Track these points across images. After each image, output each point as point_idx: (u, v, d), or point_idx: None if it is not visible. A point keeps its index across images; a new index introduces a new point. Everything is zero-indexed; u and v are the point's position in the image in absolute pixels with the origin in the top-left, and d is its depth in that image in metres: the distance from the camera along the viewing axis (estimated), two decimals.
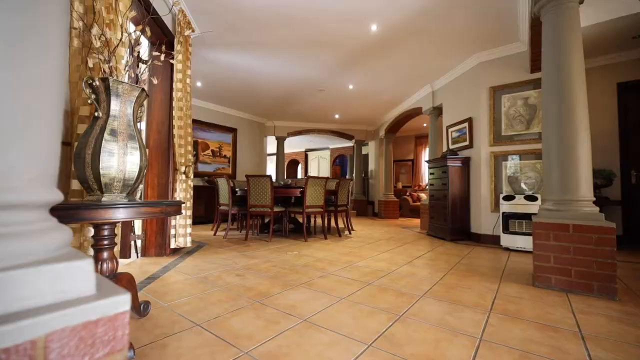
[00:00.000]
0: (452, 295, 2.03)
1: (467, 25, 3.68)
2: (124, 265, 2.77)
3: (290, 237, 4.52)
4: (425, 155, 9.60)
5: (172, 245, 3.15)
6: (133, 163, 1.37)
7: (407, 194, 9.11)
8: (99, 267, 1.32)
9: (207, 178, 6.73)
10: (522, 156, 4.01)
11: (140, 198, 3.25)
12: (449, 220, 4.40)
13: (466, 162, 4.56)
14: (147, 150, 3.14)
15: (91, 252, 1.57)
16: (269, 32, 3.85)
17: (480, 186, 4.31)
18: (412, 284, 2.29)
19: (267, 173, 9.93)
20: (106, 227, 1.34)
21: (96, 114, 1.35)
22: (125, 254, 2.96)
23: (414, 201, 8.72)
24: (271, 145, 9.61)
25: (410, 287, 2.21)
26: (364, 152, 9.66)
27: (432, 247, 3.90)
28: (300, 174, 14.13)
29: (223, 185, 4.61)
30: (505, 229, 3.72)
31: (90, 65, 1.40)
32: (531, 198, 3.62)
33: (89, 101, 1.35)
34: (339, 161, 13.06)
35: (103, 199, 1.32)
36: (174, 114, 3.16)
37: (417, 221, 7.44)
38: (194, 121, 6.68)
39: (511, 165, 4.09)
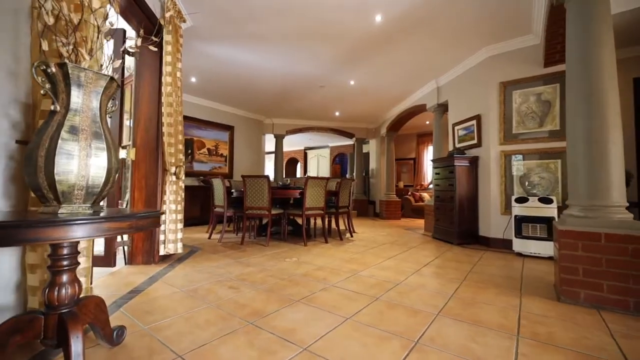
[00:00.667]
0: (470, 314, 1.81)
1: (476, 17, 3.44)
2: (107, 275, 2.53)
3: (289, 241, 4.29)
4: (427, 153, 9.38)
5: (162, 252, 2.91)
6: (98, 167, 1.13)
7: (409, 193, 8.89)
8: (56, 293, 1.08)
9: (203, 178, 6.48)
10: (534, 155, 3.79)
11: (126, 203, 3.02)
12: (456, 223, 4.18)
13: (474, 161, 4.33)
14: (134, 150, 2.90)
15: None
16: (266, 24, 3.60)
17: (490, 187, 4.09)
18: (423, 298, 2.07)
19: (266, 172, 9.68)
20: (65, 245, 1.11)
21: (52, 107, 1.11)
22: (110, 262, 2.73)
23: (416, 201, 8.50)
24: (269, 143, 9.35)
25: (423, 302, 1.99)
26: (364, 150, 9.42)
27: (439, 252, 3.68)
28: (299, 173, 13.89)
29: (218, 185, 4.37)
30: (518, 233, 3.50)
31: (45, 47, 1.16)
32: (546, 200, 3.40)
33: (42, 92, 1.11)
34: (338, 160, 12.83)
35: (61, 210, 1.08)
36: (163, 110, 2.91)
37: (420, 222, 7.22)
38: (189, 118, 6.43)
39: (523, 165, 3.86)
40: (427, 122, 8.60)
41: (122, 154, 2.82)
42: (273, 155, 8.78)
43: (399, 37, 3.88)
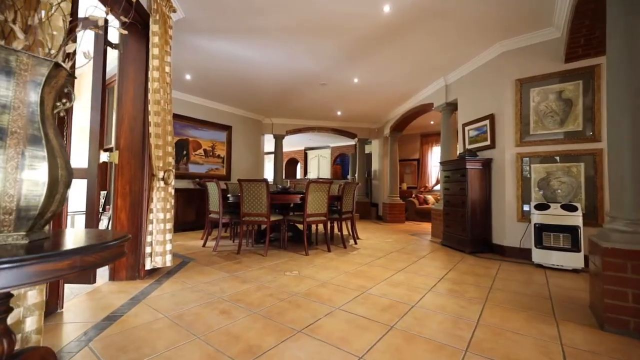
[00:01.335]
0: (504, 348, 1.53)
1: (491, 8, 3.15)
2: (84, 294, 2.25)
3: (289, 249, 4.00)
4: (431, 154, 9.10)
5: (148, 267, 2.62)
6: (34, 182, 0.85)
7: (413, 195, 8.61)
8: None
9: (199, 180, 6.20)
10: (554, 158, 3.50)
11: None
12: (469, 231, 3.90)
13: (487, 164, 4.05)
14: (117, 153, 2.62)
15: None
16: (265, 15, 3.31)
17: (505, 192, 3.80)
18: (445, 326, 1.78)
19: (265, 173, 9.40)
20: None
21: None
22: (89, 278, 2.44)
23: (420, 203, 8.22)
24: (269, 143, 9.05)
25: (445, 332, 1.70)
26: (366, 151, 9.12)
27: (452, 262, 3.39)
28: (299, 174, 13.60)
29: (213, 190, 4.08)
30: (538, 243, 3.22)
31: None
32: (569, 207, 3.11)
33: None
34: (339, 160, 12.55)
35: None
36: (149, 108, 2.63)
37: (425, 226, 6.94)
38: (184, 118, 6.14)
39: (541, 168, 3.58)
40: (432, 122, 8.33)
41: (104, 157, 2.53)
42: (272, 155, 8.49)
43: (407, 30, 3.60)
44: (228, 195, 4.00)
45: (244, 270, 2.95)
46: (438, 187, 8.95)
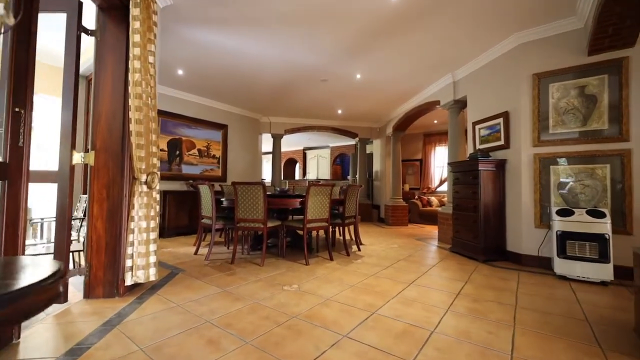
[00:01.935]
0: None
1: None
2: (51, 317, 1.94)
3: (288, 257, 3.70)
4: (434, 154, 8.82)
5: (129, 282, 2.32)
6: None
7: (416, 197, 8.33)
8: None
9: (192, 181, 5.88)
10: (575, 159, 3.23)
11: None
12: (482, 237, 3.62)
13: (501, 165, 3.77)
14: (93, 154, 2.31)
15: None
16: (261, 4, 3.01)
17: (521, 195, 3.52)
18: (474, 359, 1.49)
19: (263, 174, 9.10)
20: None
21: None
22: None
23: (424, 205, 7.94)
24: (266, 143, 8.74)
25: None
26: (367, 151, 8.82)
27: (465, 273, 3.11)
28: (298, 174, 13.30)
29: (205, 193, 3.77)
30: (561, 253, 2.94)
31: None
32: (596, 213, 2.83)
33: None
34: (339, 160, 12.26)
35: None
36: (130, 103, 2.32)
37: (429, 229, 6.66)
38: (177, 116, 5.83)
39: (562, 170, 3.30)
40: (435, 121, 8.05)
41: (78, 158, 2.23)
42: (270, 155, 8.19)
43: (415, 20, 3.30)
44: (222, 200, 3.70)
45: (238, 284, 2.65)
46: (441, 188, 8.67)
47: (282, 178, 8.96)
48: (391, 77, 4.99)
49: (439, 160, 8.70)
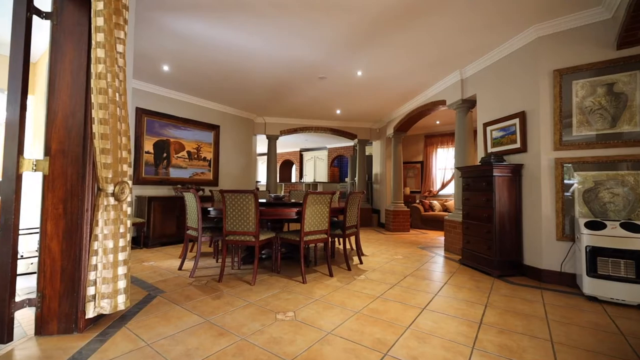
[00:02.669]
0: None
1: None
2: None
3: (283, 272, 3.33)
4: (436, 156, 8.49)
5: (90, 314, 1.93)
6: None
7: (418, 201, 7.99)
8: None
9: (180, 186, 5.48)
10: (603, 165, 2.90)
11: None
12: (496, 250, 3.28)
13: (517, 171, 3.43)
14: (48, 160, 1.92)
15: None
16: None
17: (540, 205, 3.19)
18: None
19: (257, 177, 8.70)
20: None
21: None
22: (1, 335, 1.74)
23: (426, 210, 7.60)
24: (261, 144, 8.36)
25: None
26: (366, 152, 8.47)
27: (482, 292, 2.76)
28: (294, 177, 12.91)
29: (191, 201, 3.39)
30: (592, 271, 2.60)
31: None
32: (632, 227, 2.50)
33: None
34: (337, 162, 11.91)
35: None
36: (92, 100, 1.94)
37: (432, 235, 6.32)
38: (165, 116, 5.43)
39: (587, 176, 2.97)
40: (437, 122, 7.73)
41: (27, 165, 1.84)
42: (265, 157, 7.81)
43: (423, 12, 2.95)
44: (209, 209, 3.31)
45: (224, 311, 2.27)
46: (443, 191, 8.35)
47: (277, 181, 8.57)
48: (395, 74, 4.64)
49: (441, 163, 8.38)
